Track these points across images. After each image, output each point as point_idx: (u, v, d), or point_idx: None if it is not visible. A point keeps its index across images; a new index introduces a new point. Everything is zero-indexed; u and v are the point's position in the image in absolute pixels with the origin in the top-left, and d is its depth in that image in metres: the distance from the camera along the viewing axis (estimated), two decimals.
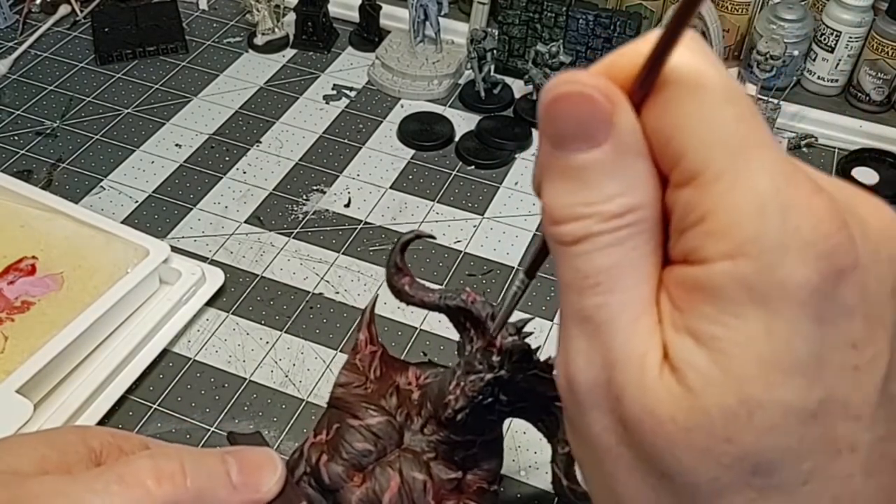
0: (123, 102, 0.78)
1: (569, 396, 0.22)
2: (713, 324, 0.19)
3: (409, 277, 0.37)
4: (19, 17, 0.87)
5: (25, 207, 0.60)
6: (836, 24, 0.77)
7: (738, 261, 0.18)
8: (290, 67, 0.83)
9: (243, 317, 0.59)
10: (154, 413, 0.53)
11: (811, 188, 0.19)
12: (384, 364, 0.39)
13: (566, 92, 0.20)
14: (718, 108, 0.19)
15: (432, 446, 0.36)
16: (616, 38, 0.75)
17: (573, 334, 0.21)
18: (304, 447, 0.37)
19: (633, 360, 0.20)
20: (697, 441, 0.19)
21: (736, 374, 0.18)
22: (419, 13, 0.80)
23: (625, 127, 0.20)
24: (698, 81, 0.19)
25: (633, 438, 0.20)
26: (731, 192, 0.19)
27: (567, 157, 0.20)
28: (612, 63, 0.21)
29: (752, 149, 0.19)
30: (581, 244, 0.20)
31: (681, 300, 0.20)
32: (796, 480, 0.19)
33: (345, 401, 0.37)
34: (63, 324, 0.52)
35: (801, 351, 0.18)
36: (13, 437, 0.30)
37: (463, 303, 0.36)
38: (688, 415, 0.19)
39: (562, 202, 0.21)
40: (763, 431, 0.19)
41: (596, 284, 0.20)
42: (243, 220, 0.67)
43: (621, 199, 0.20)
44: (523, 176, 0.72)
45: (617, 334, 0.20)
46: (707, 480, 0.19)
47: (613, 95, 0.20)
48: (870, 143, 0.75)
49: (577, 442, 0.23)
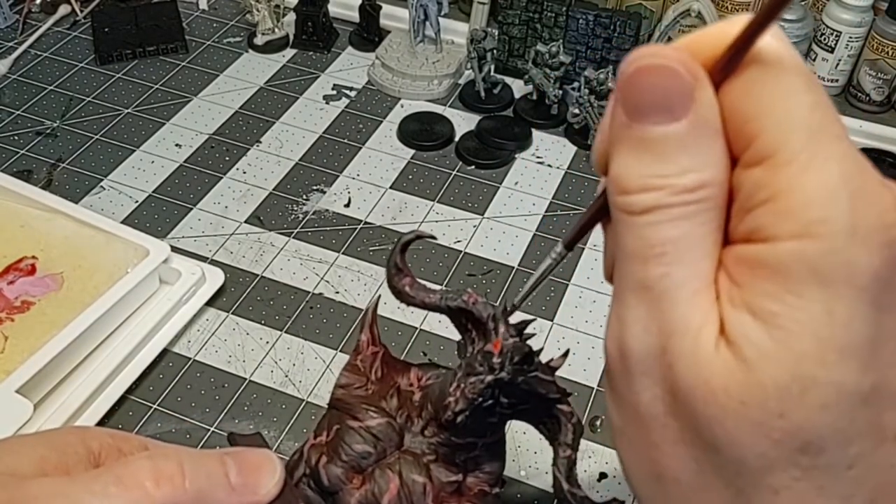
0: (123, 102, 0.78)
1: (619, 364, 0.22)
2: (774, 301, 0.19)
3: (409, 278, 0.37)
4: (19, 17, 0.87)
5: (25, 207, 0.60)
6: (836, 24, 0.77)
7: (804, 241, 0.19)
8: (290, 67, 0.83)
9: (243, 317, 0.59)
10: (154, 413, 0.53)
11: (878, 180, 0.19)
12: (385, 365, 0.39)
13: (650, 64, 0.20)
14: (799, 95, 0.20)
15: (433, 448, 0.36)
16: (616, 38, 0.75)
17: (630, 303, 0.21)
18: (304, 448, 0.36)
19: (690, 330, 0.20)
20: (750, 414, 0.19)
21: (793, 350, 0.19)
22: (419, 13, 0.80)
23: (705, 103, 0.20)
24: (782, 67, 0.20)
25: (683, 408, 0.20)
26: (803, 174, 0.19)
27: (644, 129, 0.20)
28: (694, 41, 0.21)
29: (827, 137, 0.19)
30: (650, 214, 0.21)
31: (741, 277, 0.20)
32: (842, 463, 0.19)
33: (345, 402, 0.37)
34: (63, 324, 0.52)
35: (858, 334, 0.19)
36: (12, 438, 0.30)
37: (464, 304, 0.35)
38: (742, 387, 0.19)
39: (635, 172, 0.21)
40: (815, 409, 0.19)
41: (662, 254, 0.21)
42: (243, 220, 0.66)
43: (694, 174, 0.20)
44: (523, 176, 0.72)
45: (677, 305, 0.20)
46: (755, 455, 0.19)
47: (696, 71, 0.20)
48: (870, 143, 0.75)
49: (621, 412, 0.23)
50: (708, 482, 0.21)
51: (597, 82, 0.70)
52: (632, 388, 0.22)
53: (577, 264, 0.63)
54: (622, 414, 0.23)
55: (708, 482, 0.21)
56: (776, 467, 0.19)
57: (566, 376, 0.55)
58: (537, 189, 0.70)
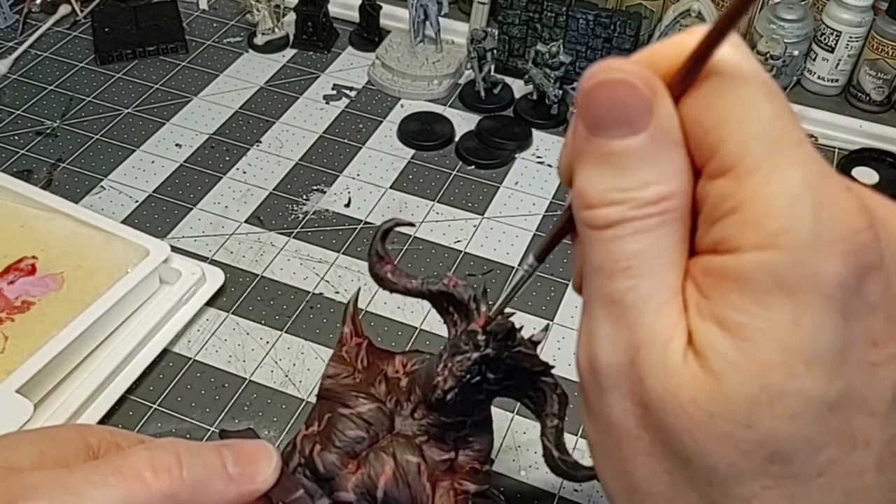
0: (123, 102, 0.78)
1: (589, 378, 0.22)
2: (740, 312, 0.19)
3: (390, 265, 0.38)
4: (19, 17, 0.87)
5: (25, 207, 0.60)
6: (836, 24, 0.77)
7: (769, 251, 0.19)
8: (290, 67, 0.83)
9: (243, 317, 0.59)
10: (154, 413, 0.53)
11: (841, 186, 0.19)
12: (370, 354, 0.39)
13: (608, 79, 0.20)
14: (759, 104, 0.20)
15: (423, 429, 0.36)
16: (616, 38, 0.75)
17: (598, 316, 0.22)
18: (297, 439, 0.37)
19: (658, 343, 0.20)
20: (718, 425, 0.19)
21: (760, 361, 0.19)
22: (419, 13, 0.80)
23: (664, 116, 0.20)
24: (741, 76, 0.20)
25: (653, 420, 0.20)
26: (765, 184, 0.19)
27: (604, 142, 0.20)
28: (652, 53, 0.21)
29: (788, 145, 0.19)
30: (613, 228, 0.21)
31: (708, 288, 0.20)
32: (812, 471, 0.19)
33: (334, 391, 0.38)
34: (63, 324, 0.52)
35: (825, 343, 0.19)
36: (11, 433, 0.30)
37: (445, 287, 0.36)
38: (710, 398, 0.19)
39: (596, 187, 0.21)
40: (783, 419, 0.19)
41: (627, 268, 0.21)
42: (243, 220, 0.67)
43: (656, 186, 0.20)
44: (523, 176, 0.72)
45: (644, 318, 0.20)
46: (725, 465, 0.19)
47: (654, 84, 0.20)
48: (870, 142, 0.75)
49: (594, 425, 0.23)
50: (681, 494, 0.21)
51: None
52: (603, 401, 0.22)
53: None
54: (595, 427, 0.23)
55: (681, 494, 0.21)
56: (746, 477, 0.19)
57: (566, 376, 0.55)
58: (537, 189, 0.70)
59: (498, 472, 0.50)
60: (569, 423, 0.39)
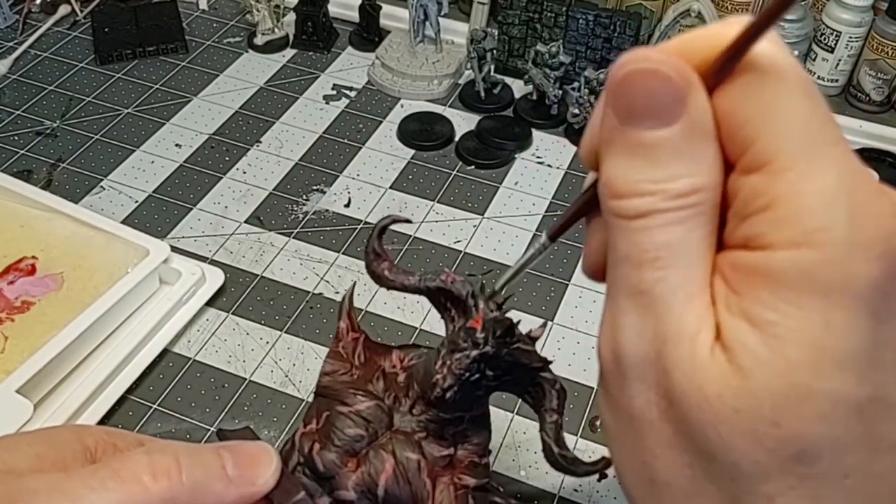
0: (123, 102, 0.78)
1: (612, 368, 0.22)
2: (770, 309, 0.19)
3: (388, 262, 0.38)
4: (19, 17, 0.87)
5: (25, 207, 0.60)
6: (836, 24, 0.77)
7: (802, 250, 0.18)
8: (290, 67, 0.83)
9: (243, 317, 0.59)
10: (154, 413, 0.53)
11: (877, 188, 0.19)
12: (367, 350, 0.39)
13: (642, 69, 0.20)
14: (796, 101, 0.19)
15: (422, 426, 0.36)
16: (616, 38, 0.75)
17: (624, 307, 0.21)
18: (295, 438, 0.37)
19: (685, 336, 0.20)
20: (743, 421, 0.19)
21: (789, 359, 0.18)
22: (419, 13, 0.80)
23: (697, 108, 0.20)
24: (780, 72, 0.19)
25: (677, 413, 0.20)
26: (801, 182, 0.19)
27: (635, 133, 0.20)
28: (686, 43, 0.21)
29: (825, 144, 0.19)
30: (643, 219, 0.20)
31: (738, 283, 0.20)
32: (838, 473, 0.19)
33: (332, 388, 0.37)
34: (63, 324, 0.52)
35: (855, 345, 0.18)
36: (9, 436, 0.30)
37: (443, 283, 0.36)
38: (736, 394, 0.19)
39: (626, 177, 0.21)
40: (810, 419, 0.19)
41: (655, 259, 0.20)
42: (243, 220, 0.67)
43: (687, 179, 0.20)
44: (523, 176, 0.72)
45: (672, 309, 0.20)
46: (749, 462, 0.19)
47: (688, 76, 0.20)
48: (870, 143, 0.75)
49: (614, 415, 0.23)
50: (701, 487, 0.20)
51: (597, 82, 0.70)
52: (626, 392, 0.22)
53: (577, 264, 0.63)
54: (615, 417, 0.23)
55: (701, 487, 0.20)
56: (771, 475, 0.19)
57: (566, 376, 0.55)
58: (537, 189, 0.70)
59: (498, 472, 0.50)
60: (569, 423, 0.39)
